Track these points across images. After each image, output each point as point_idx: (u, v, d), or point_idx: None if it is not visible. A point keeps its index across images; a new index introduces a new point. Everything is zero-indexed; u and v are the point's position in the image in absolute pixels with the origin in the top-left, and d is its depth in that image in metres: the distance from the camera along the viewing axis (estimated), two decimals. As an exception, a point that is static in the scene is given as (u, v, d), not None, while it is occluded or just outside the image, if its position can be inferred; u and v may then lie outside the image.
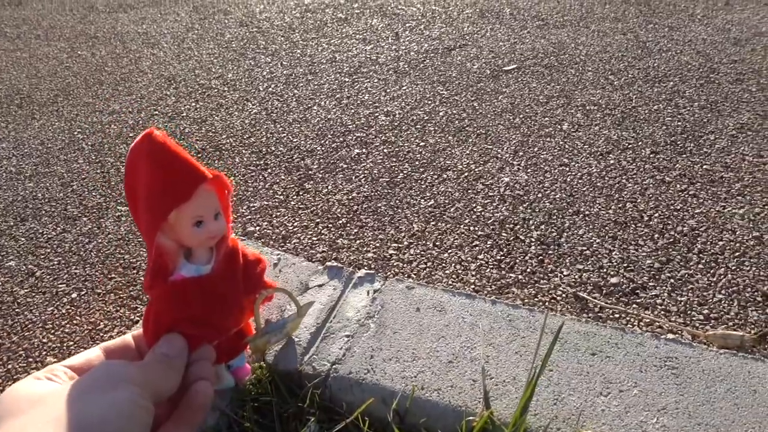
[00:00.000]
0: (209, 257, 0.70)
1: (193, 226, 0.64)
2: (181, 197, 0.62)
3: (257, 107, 2.00)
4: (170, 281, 0.68)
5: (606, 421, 0.91)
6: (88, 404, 0.42)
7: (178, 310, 0.66)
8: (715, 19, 2.33)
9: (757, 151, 1.54)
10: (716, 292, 1.15)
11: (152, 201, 0.62)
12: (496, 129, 1.74)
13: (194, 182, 0.63)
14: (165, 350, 0.59)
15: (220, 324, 0.71)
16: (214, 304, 0.70)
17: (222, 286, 0.71)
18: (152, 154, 0.62)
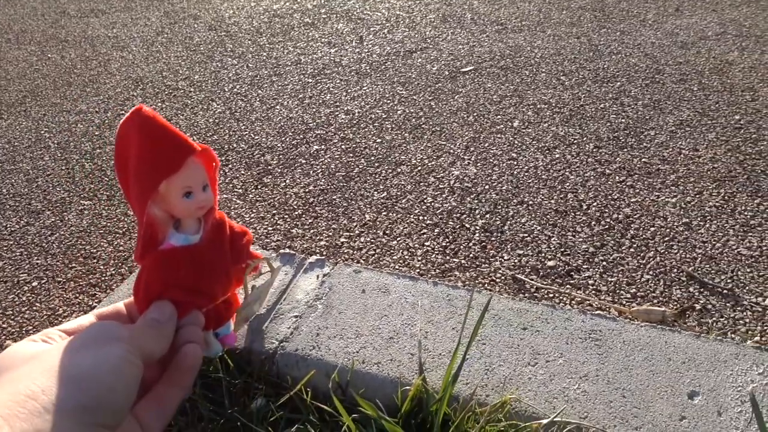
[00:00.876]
0: (197, 227, 0.71)
1: (183, 196, 0.65)
2: (171, 168, 0.63)
3: (221, 107, 2.05)
4: (160, 250, 0.69)
5: (532, 387, 0.97)
6: (79, 357, 0.44)
7: (168, 277, 0.67)
8: (665, 24, 2.43)
9: (693, 145, 1.62)
10: (644, 273, 1.22)
11: (142, 173, 0.64)
12: (450, 126, 1.81)
13: (183, 154, 0.63)
14: (155, 315, 0.61)
15: (208, 291, 0.72)
16: (203, 272, 0.71)
17: (210, 255, 0.72)
18: (142, 128, 0.62)
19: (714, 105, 1.82)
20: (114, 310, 0.65)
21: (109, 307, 0.65)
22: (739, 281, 1.19)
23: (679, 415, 0.92)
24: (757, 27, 2.36)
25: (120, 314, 0.65)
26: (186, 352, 0.58)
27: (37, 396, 0.40)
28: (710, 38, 2.28)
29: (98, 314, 0.62)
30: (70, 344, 0.47)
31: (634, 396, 0.95)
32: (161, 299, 0.65)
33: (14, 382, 0.43)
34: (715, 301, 1.15)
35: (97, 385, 0.43)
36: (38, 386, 0.41)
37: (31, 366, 0.44)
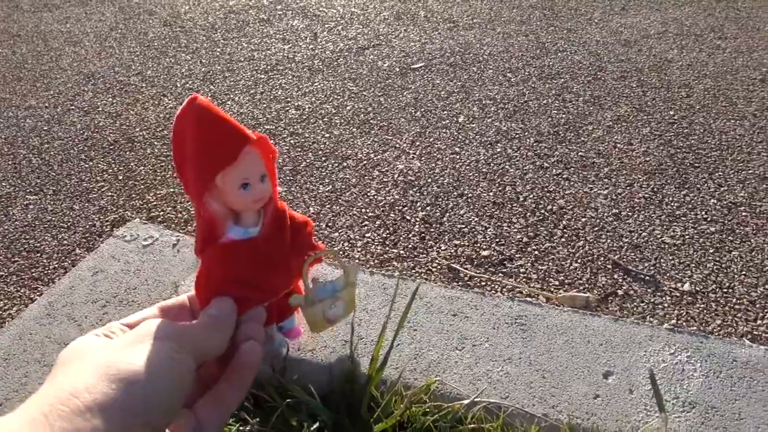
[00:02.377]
0: (257, 220, 0.71)
1: (240, 188, 0.65)
2: (227, 159, 0.63)
3: (173, 102, 2.06)
4: (219, 244, 0.68)
5: (458, 371, 1.02)
6: (127, 355, 0.44)
7: (228, 272, 0.67)
8: (610, 23, 2.51)
9: (628, 139, 1.69)
10: (573, 261, 1.28)
11: (199, 165, 0.63)
12: (398, 122, 1.85)
13: (239, 144, 0.63)
14: (213, 311, 0.60)
15: (269, 285, 0.72)
16: (263, 266, 0.71)
17: (270, 248, 0.71)
18: (197, 119, 0.63)
19: (651, 101, 1.89)
20: (177, 303, 0.64)
21: (173, 300, 0.64)
22: (661, 268, 1.25)
23: (594, 393, 0.97)
24: (697, 26, 2.44)
25: (183, 308, 0.64)
26: (244, 350, 0.57)
27: (80, 394, 0.40)
28: (652, 36, 2.36)
29: (161, 307, 0.61)
30: (121, 341, 0.46)
31: (554, 377, 1.00)
32: (221, 294, 0.64)
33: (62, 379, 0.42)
34: (637, 287, 1.20)
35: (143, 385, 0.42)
36: (83, 384, 0.40)
37: (81, 363, 0.44)
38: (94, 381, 0.40)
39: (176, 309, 0.62)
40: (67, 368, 0.44)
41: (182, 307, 0.63)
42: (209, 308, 0.61)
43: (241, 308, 0.63)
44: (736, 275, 1.22)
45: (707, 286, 1.20)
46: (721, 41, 2.30)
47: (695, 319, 1.12)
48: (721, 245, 1.30)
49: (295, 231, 0.77)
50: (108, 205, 1.55)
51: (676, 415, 0.92)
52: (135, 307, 1.19)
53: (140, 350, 0.44)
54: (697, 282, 1.21)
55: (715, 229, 1.35)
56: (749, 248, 1.29)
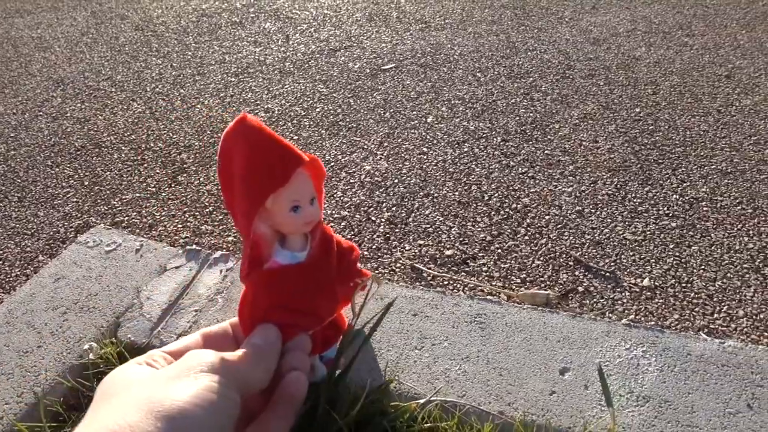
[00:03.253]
0: (304, 244, 0.69)
1: (290, 211, 0.63)
2: (279, 181, 0.61)
3: (142, 106, 2.05)
4: (266, 268, 0.67)
5: (416, 370, 1.02)
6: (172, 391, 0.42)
7: (273, 298, 0.65)
8: (580, 22, 2.52)
9: (593, 137, 1.70)
10: (536, 259, 1.29)
11: (249, 186, 0.61)
12: (366, 123, 1.85)
13: (291, 166, 0.61)
14: (258, 340, 0.58)
15: (315, 313, 0.70)
16: (310, 292, 0.69)
17: (317, 274, 0.70)
18: (247, 139, 0.61)
19: (617, 99, 1.90)
20: (221, 331, 0.62)
21: (217, 327, 0.62)
22: (622, 264, 1.26)
23: (550, 390, 0.97)
24: (665, 23, 2.46)
25: (226, 335, 0.62)
26: (290, 380, 0.55)
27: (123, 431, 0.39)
28: (621, 35, 2.37)
29: (204, 334, 0.59)
30: (165, 374, 0.45)
31: (510, 374, 1.00)
32: (266, 322, 0.62)
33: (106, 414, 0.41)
34: (597, 283, 1.21)
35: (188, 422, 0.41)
36: (127, 421, 0.39)
37: (125, 397, 0.43)
38: (138, 418, 0.39)
39: (219, 336, 0.61)
40: (110, 402, 0.43)
41: (225, 334, 0.62)
42: (253, 336, 0.59)
43: (286, 336, 0.61)
44: (695, 270, 1.23)
45: (666, 281, 1.21)
46: (688, 38, 2.32)
47: (653, 314, 1.13)
48: (681, 240, 1.31)
49: (340, 256, 0.75)
50: (73, 211, 1.54)
51: (629, 410, 0.93)
52: (96, 313, 1.18)
53: (185, 385, 0.43)
54: (656, 277, 1.22)
55: (677, 224, 1.36)
56: (709, 243, 1.30)
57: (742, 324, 1.11)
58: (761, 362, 0.99)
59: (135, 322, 1.16)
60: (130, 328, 1.15)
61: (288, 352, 0.60)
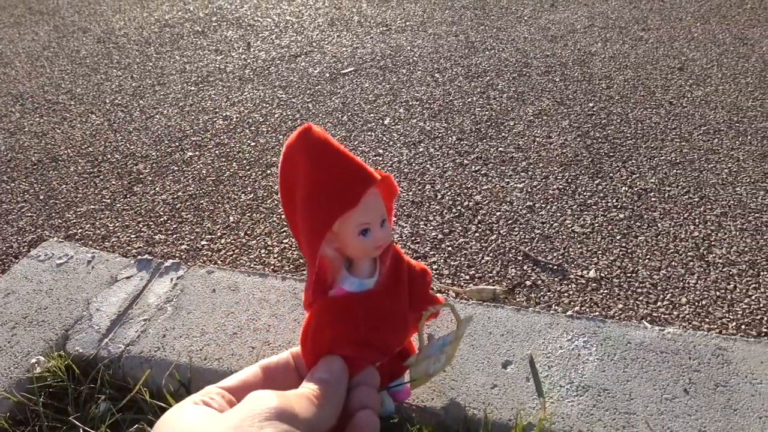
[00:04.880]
0: (373, 269, 0.63)
1: (359, 234, 0.57)
2: (348, 203, 0.55)
3: (100, 119, 2.04)
4: (331, 296, 0.61)
5: (361, 369, 1.02)
6: None
7: (340, 328, 0.60)
8: (539, 20, 2.55)
9: (547, 132, 1.72)
10: (485, 255, 1.30)
11: (314, 207, 0.56)
12: (324, 127, 1.85)
13: (362, 185, 0.56)
14: (323, 375, 0.53)
15: (383, 344, 0.64)
16: (379, 323, 0.63)
17: (387, 302, 0.64)
18: (312, 154, 0.55)
19: (572, 94, 1.92)
20: (282, 362, 0.58)
21: (276, 358, 0.59)
22: (569, 257, 1.27)
23: (492, 383, 0.98)
24: (622, 18, 2.49)
25: (287, 366, 0.59)
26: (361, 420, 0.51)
27: None
28: (578, 31, 2.40)
29: (264, 366, 0.56)
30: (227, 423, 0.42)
31: (454, 370, 1.01)
32: (331, 354, 0.58)
33: None
34: (544, 276, 1.22)
35: None
36: None
37: None
38: None
39: (280, 369, 0.57)
40: None
41: (286, 366, 0.58)
42: (318, 370, 0.55)
43: (353, 369, 0.57)
44: (641, 259, 1.25)
45: (612, 271, 1.22)
46: (644, 32, 2.35)
47: (598, 305, 1.15)
48: (628, 231, 1.33)
49: (412, 281, 0.70)
50: (27, 226, 1.53)
51: (569, 400, 0.94)
52: (45, 327, 1.18)
53: None
54: (602, 268, 1.23)
55: (624, 215, 1.38)
56: (655, 232, 1.32)
57: (684, 311, 1.12)
58: (699, 347, 1.00)
59: (83, 334, 1.16)
60: (78, 340, 1.15)
61: (356, 387, 0.55)
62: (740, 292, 1.16)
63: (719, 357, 0.98)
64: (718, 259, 1.24)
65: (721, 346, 1.00)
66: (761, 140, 1.64)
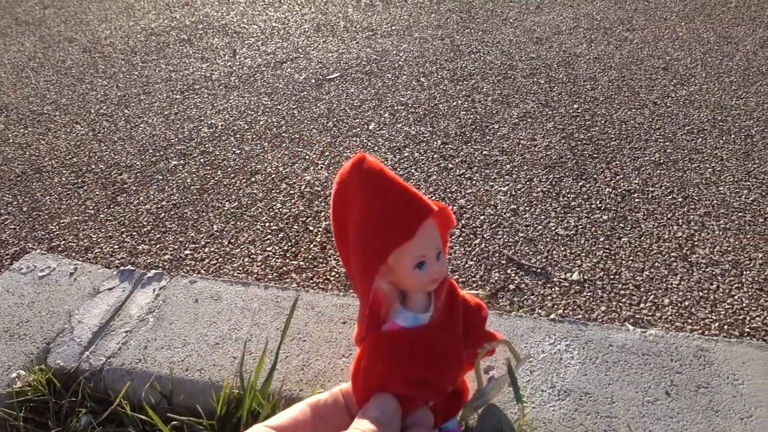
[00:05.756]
0: (427, 303, 0.61)
1: (414, 267, 0.56)
2: (404, 234, 0.54)
3: (85, 129, 2.03)
4: (384, 331, 0.59)
5: (343, 378, 1.02)
6: None
7: (393, 365, 0.58)
8: (524, 22, 2.55)
9: (532, 135, 1.72)
10: (469, 259, 1.29)
11: (369, 239, 0.55)
12: (309, 133, 1.85)
13: (419, 217, 0.55)
14: (375, 414, 0.52)
15: (438, 382, 0.62)
16: (433, 360, 0.61)
17: (443, 338, 0.62)
18: (367, 185, 0.54)
19: (557, 96, 1.93)
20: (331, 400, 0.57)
21: (326, 395, 0.57)
22: (553, 260, 1.27)
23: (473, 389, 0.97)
24: (607, 19, 2.50)
25: (337, 404, 0.57)
26: None
27: None
28: (563, 33, 2.40)
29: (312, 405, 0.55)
30: None
31: (436, 376, 1.00)
32: (383, 391, 0.57)
33: None
34: (528, 280, 1.22)
35: None
36: None
37: None
38: None
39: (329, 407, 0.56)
40: None
41: (336, 403, 0.57)
42: (370, 408, 0.53)
43: (406, 409, 0.55)
44: (624, 261, 1.25)
45: (595, 273, 1.22)
46: (629, 33, 2.35)
47: (581, 308, 1.14)
48: (611, 233, 1.33)
49: (467, 316, 0.67)
50: (10, 239, 1.52)
51: (551, 405, 0.93)
52: (26, 340, 1.17)
53: None
54: (585, 271, 1.23)
55: (608, 217, 1.37)
56: (639, 233, 1.32)
57: (667, 312, 1.12)
58: (681, 349, 1.00)
59: (65, 347, 1.15)
60: (59, 353, 1.14)
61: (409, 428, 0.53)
62: (723, 292, 1.16)
63: (701, 358, 0.98)
64: (701, 260, 1.24)
65: (702, 347, 1.00)
66: (744, 139, 1.64)
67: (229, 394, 0.99)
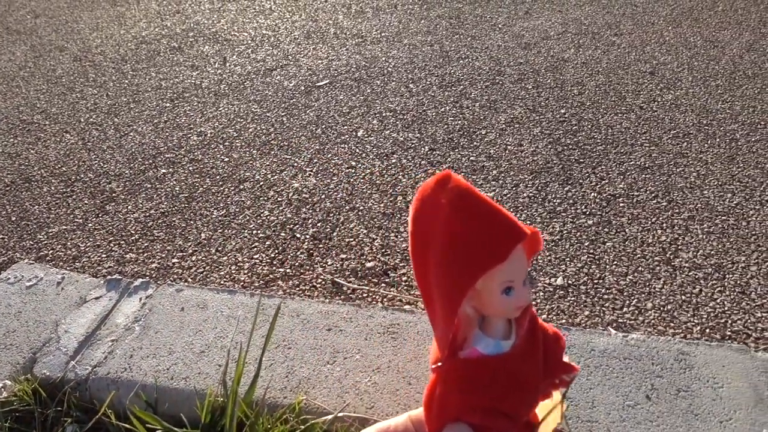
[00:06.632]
0: (507, 330, 0.59)
1: (502, 293, 0.54)
2: (496, 258, 0.52)
3: (75, 138, 2.04)
4: (464, 358, 0.57)
5: (327, 385, 1.02)
6: None
7: (470, 393, 0.56)
8: (513, 27, 2.56)
9: (518, 140, 1.72)
10: (454, 265, 1.30)
11: (457, 262, 0.52)
12: (298, 140, 1.86)
13: (512, 240, 0.53)
14: None
15: (515, 413, 0.60)
16: (514, 390, 0.59)
17: (524, 368, 0.60)
18: (456, 206, 0.53)
19: (544, 101, 1.94)
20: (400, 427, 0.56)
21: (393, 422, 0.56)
22: (537, 265, 1.27)
23: (457, 395, 0.98)
24: (595, 24, 2.51)
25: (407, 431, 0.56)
26: None
27: None
28: (552, 38, 2.42)
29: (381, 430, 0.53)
30: None
31: (420, 382, 1.01)
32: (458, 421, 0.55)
33: None
34: (513, 285, 1.23)
35: None
36: None
37: None
38: None
39: None
40: None
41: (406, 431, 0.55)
42: None
43: None
44: (608, 265, 1.26)
45: (579, 278, 1.23)
46: (616, 38, 2.37)
47: (565, 312, 1.15)
48: (596, 237, 1.33)
49: (546, 346, 0.65)
50: (-2, 249, 1.53)
51: (532, 409, 0.94)
52: (13, 350, 1.17)
53: None
54: (570, 275, 1.24)
55: (593, 222, 1.38)
56: (623, 238, 1.33)
57: (650, 316, 1.13)
58: (662, 353, 1.01)
59: (51, 357, 1.15)
60: (45, 363, 1.14)
61: None
62: (705, 295, 1.17)
63: (682, 362, 0.99)
64: (684, 263, 1.25)
65: (683, 351, 1.01)
66: (729, 143, 1.65)
67: (214, 402, 0.99)
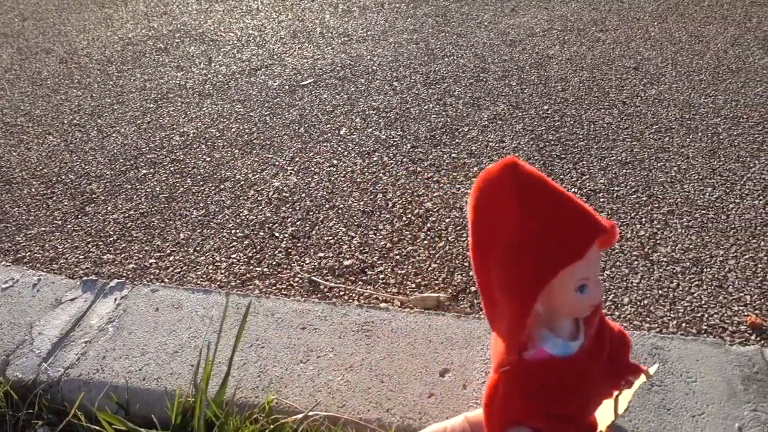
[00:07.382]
0: (575, 331, 0.56)
1: (576, 290, 0.51)
2: (575, 254, 0.48)
3: (57, 139, 2.02)
4: (529, 358, 0.54)
5: (300, 384, 1.02)
6: None
7: (535, 395, 0.53)
8: (499, 25, 2.55)
9: (500, 137, 1.72)
10: (432, 262, 1.29)
11: (530, 259, 0.49)
12: (280, 139, 1.85)
13: (592, 235, 0.49)
14: None
15: (580, 416, 0.57)
16: (581, 392, 0.56)
17: (591, 369, 0.56)
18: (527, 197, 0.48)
19: (528, 98, 1.93)
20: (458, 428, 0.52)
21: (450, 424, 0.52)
22: (515, 261, 1.26)
23: (429, 392, 0.97)
24: (581, 20, 2.51)
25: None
26: None
27: None
28: (537, 35, 2.41)
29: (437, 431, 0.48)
30: None
31: (392, 380, 1.00)
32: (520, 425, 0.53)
33: None
34: (490, 282, 1.22)
35: None
36: None
37: None
38: None
39: None
40: None
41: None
42: None
43: None
44: (586, 261, 1.25)
45: (556, 274, 1.22)
46: (601, 33, 2.36)
47: (541, 308, 1.14)
48: (575, 233, 1.33)
49: (612, 346, 0.62)
50: (-24, 251, 1.51)
51: (504, 406, 0.93)
52: (-13, 353, 1.16)
53: None
54: (547, 271, 1.23)
55: (572, 217, 1.37)
56: (602, 233, 1.32)
57: (626, 311, 1.12)
58: (636, 347, 1.00)
59: (24, 359, 1.14)
60: (18, 365, 1.13)
61: None
62: (682, 290, 1.16)
63: (656, 356, 0.98)
64: (662, 258, 1.24)
65: (657, 345, 1.00)
66: (711, 137, 1.64)
67: (184, 402, 0.98)
